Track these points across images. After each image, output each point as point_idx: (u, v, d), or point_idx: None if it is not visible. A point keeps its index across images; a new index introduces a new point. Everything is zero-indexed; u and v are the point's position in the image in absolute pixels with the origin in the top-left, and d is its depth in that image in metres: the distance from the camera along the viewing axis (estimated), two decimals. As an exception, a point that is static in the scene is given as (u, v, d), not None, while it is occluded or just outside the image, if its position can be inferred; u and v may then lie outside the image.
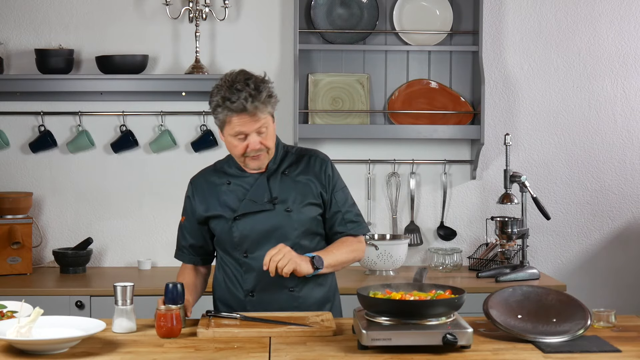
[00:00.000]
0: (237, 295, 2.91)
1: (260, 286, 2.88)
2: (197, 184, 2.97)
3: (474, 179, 4.42)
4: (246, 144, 2.78)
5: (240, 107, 2.71)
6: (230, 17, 4.28)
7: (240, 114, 2.73)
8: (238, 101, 2.71)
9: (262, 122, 2.76)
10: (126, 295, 2.61)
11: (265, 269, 2.69)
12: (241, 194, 2.87)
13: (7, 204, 4.10)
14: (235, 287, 2.91)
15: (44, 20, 4.29)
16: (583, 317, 2.58)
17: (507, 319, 2.57)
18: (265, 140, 2.79)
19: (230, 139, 2.79)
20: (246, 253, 2.87)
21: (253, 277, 2.88)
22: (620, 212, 4.48)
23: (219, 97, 2.75)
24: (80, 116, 4.31)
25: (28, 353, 2.37)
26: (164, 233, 4.37)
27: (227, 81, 2.77)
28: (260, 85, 2.75)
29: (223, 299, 2.96)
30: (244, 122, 2.74)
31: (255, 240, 2.86)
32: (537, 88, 4.43)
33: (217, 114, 2.77)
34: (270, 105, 2.78)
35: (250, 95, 2.71)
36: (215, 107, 2.76)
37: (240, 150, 2.80)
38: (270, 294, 2.88)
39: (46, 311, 2.50)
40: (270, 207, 2.85)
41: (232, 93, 2.72)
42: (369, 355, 2.37)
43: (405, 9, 4.32)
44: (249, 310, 2.87)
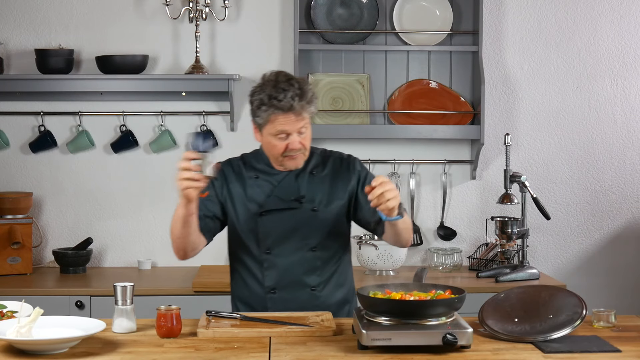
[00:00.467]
0: (258, 293, 2.90)
1: (282, 284, 2.88)
2: (225, 169, 2.93)
3: (474, 179, 4.42)
4: (286, 144, 2.77)
5: (287, 105, 2.71)
6: (230, 17, 4.28)
7: (287, 112, 2.73)
8: (285, 100, 2.71)
9: (305, 122, 2.77)
10: (126, 295, 2.61)
11: (367, 190, 2.57)
12: (268, 189, 2.87)
13: (7, 204, 4.10)
14: (255, 284, 2.90)
15: (44, 20, 4.29)
16: (577, 306, 2.58)
17: (504, 325, 2.57)
18: (305, 141, 2.80)
19: (270, 139, 2.79)
20: (269, 249, 2.87)
21: (275, 274, 2.87)
22: (620, 212, 4.48)
23: (263, 95, 2.74)
24: (80, 116, 4.31)
25: (28, 353, 2.37)
26: (164, 233, 4.37)
27: (270, 80, 2.77)
28: (303, 85, 2.76)
29: (242, 297, 2.95)
30: (289, 121, 2.74)
31: (279, 237, 2.86)
32: (537, 88, 4.43)
33: (261, 112, 2.76)
34: (314, 105, 2.78)
35: (296, 95, 2.72)
36: (260, 105, 2.75)
37: (280, 150, 2.79)
38: (291, 292, 2.88)
39: (46, 311, 2.50)
40: (297, 205, 2.85)
41: (278, 92, 2.72)
42: (369, 355, 2.37)
43: (405, 9, 4.32)
44: (270, 308, 2.88)
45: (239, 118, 4.34)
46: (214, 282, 3.86)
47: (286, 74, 2.80)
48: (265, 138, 2.81)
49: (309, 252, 2.86)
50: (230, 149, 4.33)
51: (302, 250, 2.86)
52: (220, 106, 4.33)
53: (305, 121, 2.77)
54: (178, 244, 2.86)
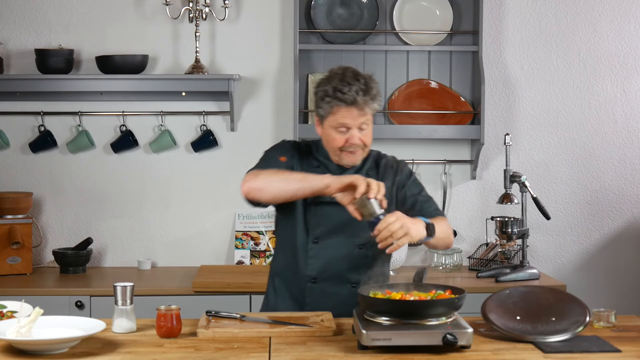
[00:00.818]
0: (298, 281, 2.90)
1: (324, 275, 2.87)
2: (297, 148, 2.93)
3: (474, 179, 4.42)
4: (346, 138, 2.78)
5: (351, 98, 2.73)
6: (230, 17, 4.28)
7: (350, 106, 2.74)
8: (349, 93, 2.72)
9: (366, 118, 2.78)
10: (126, 295, 2.61)
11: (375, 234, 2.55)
12: None
13: (7, 204, 4.10)
14: (298, 272, 2.90)
15: (44, 20, 4.29)
16: (582, 314, 2.58)
17: (506, 322, 2.57)
18: (365, 137, 2.81)
19: (331, 131, 2.80)
20: (317, 239, 2.86)
21: (319, 264, 2.87)
22: (620, 212, 4.48)
23: (329, 87, 2.76)
24: (80, 116, 4.31)
25: (28, 353, 2.37)
26: (164, 233, 4.37)
27: (336, 74, 2.79)
28: (369, 81, 2.78)
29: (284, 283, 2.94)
30: (351, 115, 2.75)
31: (328, 229, 2.85)
32: (537, 88, 4.43)
33: (324, 103, 2.77)
34: (377, 102, 2.80)
35: (361, 90, 2.74)
36: (324, 96, 2.77)
37: (339, 144, 2.80)
38: (332, 285, 2.86)
39: (46, 311, 2.50)
40: None
41: (343, 85, 2.74)
42: (369, 355, 2.36)
43: (405, 9, 4.33)
44: (308, 297, 2.88)
45: (239, 118, 4.34)
46: (214, 282, 3.86)
47: (354, 70, 2.81)
48: (326, 130, 2.82)
49: (355, 249, 2.86)
50: (230, 149, 4.34)
51: (348, 247, 2.86)
52: (220, 106, 4.33)
53: (367, 117, 2.78)
54: (269, 187, 2.73)
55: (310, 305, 2.89)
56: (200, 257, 4.36)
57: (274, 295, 2.98)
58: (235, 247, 4.30)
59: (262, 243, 4.29)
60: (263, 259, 4.27)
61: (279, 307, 2.95)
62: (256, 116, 4.36)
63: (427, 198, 2.93)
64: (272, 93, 4.36)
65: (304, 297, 2.89)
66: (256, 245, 4.29)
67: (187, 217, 4.37)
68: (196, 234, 4.37)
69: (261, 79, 4.36)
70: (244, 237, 4.30)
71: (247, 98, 4.34)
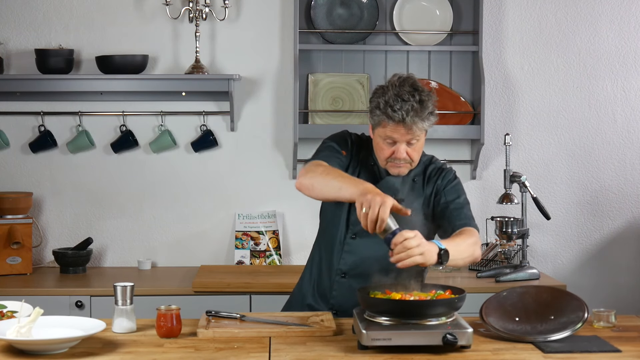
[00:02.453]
0: (327, 276, 2.90)
1: (355, 272, 2.87)
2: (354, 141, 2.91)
3: (474, 179, 4.42)
4: (393, 150, 2.76)
5: (399, 118, 2.69)
6: (230, 17, 4.28)
7: (398, 123, 2.70)
8: (400, 111, 2.68)
9: (415, 135, 2.74)
10: (126, 295, 2.61)
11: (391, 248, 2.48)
12: (373, 179, 2.84)
13: (7, 204, 4.10)
14: (330, 265, 2.89)
15: (44, 20, 4.29)
16: (580, 309, 2.58)
17: (505, 324, 2.57)
18: (413, 153, 2.78)
19: (379, 140, 2.78)
20: (355, 235, 2.86)
21: (352, 260, 2.87)
22: (620, 212, 4.48)
23: (382, 100, 2.72)
24: (80, 116, 4.31)
25: (28, 353, 2.37)
26: (164, 233, 4.37)
27: (394, 86, 2.73)
28: (425, 100, 2.72)
29: (314, 275, 2.95)
30: (398, 132, 2.72)
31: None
32: (537, 88, 4.43)
33: (374, 115, 2.75)
34: (429, 122, 2.74)
35: (412, 109, 2.68)
36: (375, 108, 2.74)
37: (386, 154, 2.78)
38: (360, 283, 2.82)
39: (46, 311, 2.50)
40: None
41: (396, 101, 2.69)
42: (369, 355, 2.37)
43: (405, 9, 4.32)
44: (335, 290, 2.88)
45: (239, 118, 4.34)
46: (214, 282, 3.86)
47: (413, 83, 2.74)
48: (375, 139, 2.81)
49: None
50: (230, 149, 4.34)
51: (385, 248, 2.81)
52: (220, 106, 4.33)
53: (416, 134, 2.73)
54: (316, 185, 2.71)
55: (335, 299, 2.89)
56: (200, 257, 4.36)
57: (307, 282, 2.97)
58: (235, 247, 4.30)
59: (262, 243, 4.29)
60: (263, 259, 4.27)
61: (306, 296, 2.95)
62: (256, 116, 4.36)
63: (460, 206, 2.87)
64: (272, 93, 4.35)
65: (332, 290, 2.90)
66: (256, 245, 4.29)
67: (187, 217, 4.37)
68: (196, 234, 4.37)
69: (261, 79, 4.36)
70: (244, 237, 4.30)
71: (247, 98, 4.34)
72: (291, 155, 4.32)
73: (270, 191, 4.33)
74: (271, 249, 4.28)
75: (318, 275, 2.96)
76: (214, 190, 4.37)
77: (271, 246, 4.28)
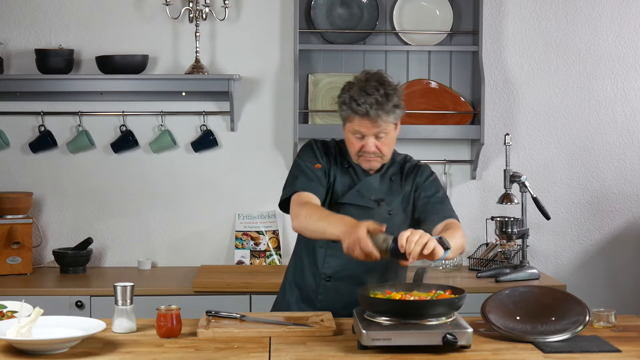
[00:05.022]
0: (312, 280, 2.92)
1: (339, 275, 2.89)
2: (328, 147, 2.94)
3: (474, 179, 4.42)
4: (362, 144, 2.80)
5: (363, 111, 2.73)
6: (230, 17, 4.28)
7: (362, 117, 2.74)
8: (363, 105, 2.72)
9: (382, 128, 2.77)
10: (126, 295, 2.61)
11: (402, 251, 2.45)
12: (351, 182, 2.88)
13: (7, 204, 4.10)
14: (313, 271, 2.91)
15: (44, 20, 4.29)
16: (581, 313, 2.58)
17: (505, 322, 2.57)
18: (382, 146, 2.80)
19: (349, 135, 2.82)
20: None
21: (336, 263, 2.88)
22: (620, 212, 4.48)
23: (347, 96, 2.77)
24: (80, 116, 4.31)
25: (28, 353, 2.37)
26: (164, 233, 4.37)
27: (360, 81, 2.79)
28: (390, 93, 2.75)
29: (297, 281, 2.96)
30: (364, 125, 2.76)
31: None
32: (537, 88, 4.43)
33: (341, 110, 2.81)
34: (394, 116, 2.77)
35: (376, 102, 2.72)
36: (341, 103, 2.80)
37: (356, 149, 2.82)
38: (345, 285, 2.86)
39: (46, 311, 2.50)
40: (374, 205, 2.86)
41: (360, 95, 2.74)
42: (369, 355, 2.37)
43: (405, 9, 4.32)
44: (321, 295, 2.90)
45: (239, 118, 4.34)
46: (214, 282, 3.86)
47: (380, 78, 2.78)
48: (346, 134, 2.85)
49: None
50: (230, 149, 4.34)
51: None
52: (220, 106, 4.33)
53: (383, 127, 2.76)
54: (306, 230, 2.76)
55: (322, 302, 2.90)
56: (200, 257, 4.36)
57: (289, 290, 2.99)
58: (235, 247, 4.30)
59: (262, 243, 4.29)
60: (263, 259, 4.27)
61: (290, 304, 2.96)
62: (256, 116, 4.36)
63: (440, 200, 2.90)
64: (272, 93, 4.35)
65: (318, 295, 2.91)
66: (256, 245, 4.29)
67: (187, 217, 4.37)
68: (196, 234, 4.37)
69: (261, 79, 4.36)
70: (244, 237, 4.30)
71: (247, 98, 4.34)
72: (291, 155, 4.32)
73: (270, 191, 4.32)
74: (271, 249, 4.28)
75: (302, 281, 2.96)
76: (214, 190, 4.37)
77: (271, 246, 4.28)
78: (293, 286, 2.99)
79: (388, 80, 2.79)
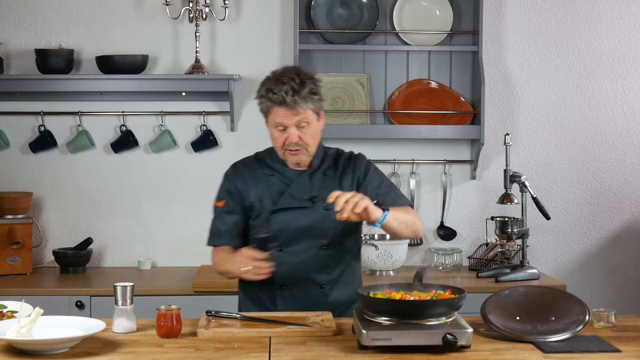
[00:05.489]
0: (268, 289, 2.92)
1: (293, 281, 2.89)
2: (240, 169, 2.98)
3: (474, 179, 4.42)
4: (285, 137, 2.81)
5: (279, 99, 2.76)
6: (230, 17, 4.28)
7: (280, 106, 2.77)
8: (279, 93, 2.76)
9: (302, 117, 2.79)
10: (126, 295, 2.61)
11: (337, 209, 2.60)
12: (282, 187, 2.89)
13: (7, 204, 4.10)
14: (267, 282, 2.89)
15: (44, 20, 4.29)
16: (581, 313, 2.58)
17: (505, 322, 2.57)
18: (305, 137, 2.82)
19: (272, 130, 2.85)
20: (281, 247, 2.88)
21: (286, 271, 2.88)
22: (620, 212, 4.48)
23: (264, 88, 2.82)
24: (80, 116, 4.31)
25: (28, 353, 2.37)
26: (164, 233, 4.37)
27: (276, 74, 2.84)
28: (306, 81, 2.79)
29: (253, 295, 2.96)
30: (283, 115, 2.78)
31: (291, 235, 2.87)
32: (537, 88, 4.43)
33: (260, 104, 2.84)
34: (312, 102, 2.80)
35: (292, 89, 2.76)
36: (260, 97, 2.84)
37: (280, 142, 2.83)
38: (301, 289, 2.89)
39: (46, 311, 2.50)
40: (309, 204, 2.87)
41: (275, 85, 2.78)
42: (369, 355, 2.37)
43: (405, 9, 4.32)
44: (279, 304, 2.90)
45: (239, 118, 4.34)
46: (214, 282, 3.86)
47: (296, 69, 2.84)
48: (269, 129, 2.87)
49: (320, 250, 2.88)
50: (230, 149, 4.34)
51: (313, 249, 2.88)
52: (220, 106, 4.33)
53: (303, 116, 2.79)
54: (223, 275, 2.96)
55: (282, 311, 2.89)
56: (200, 257, 4.34)
57: (245, 304, 2.99)
58: (235, 247, 4.29)
59: (262, 243, 4.28)
60: (263, 259, 4.26)
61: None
62: (256, 116, 4.30)
63: (388, 189, 2.93)
64: (272, 93, 4.35)
65: (276, 305, 2.91)
66: (256, 245, 4.28)
67: (187, 217, 4.37)
68: (196, 234, 4.36)
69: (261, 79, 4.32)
70: (244, 237, 4.29)
71: (247, 98, 4.34)
72: (291, 155, 4.31)
73: (270, 191, 4.32)
74: (271, 249, 4.27)
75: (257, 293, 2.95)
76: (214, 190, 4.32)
77: (271, 246, 4.28)
78: (248, 303, 2.98)
79: (304, 72, 2.83)
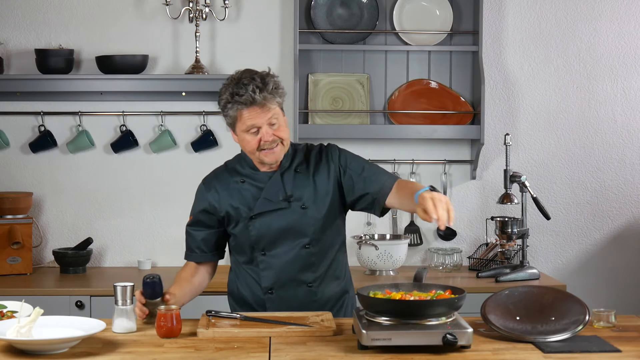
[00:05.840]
0: (256, 293, 2.92)
1: (279, 283, 2.89)
2: (211, 183, 2.95)
3: (474, 179, 4.42)
4: (259, 137, 2.78)
5: (249, 99, 2.73)
6: (230, 17, 4.28)
7: (250, 106, 2.74)
8: (246, 94, 2.73)
9: (273, 113, 2.77)
10: (126, 295, 2.62)
11: (443, 224, 2.46)
12: (256, 192, 2.87)
13: (7, 204, 4.10)
14: (254, 285, 2.92)
15: (44, 20, 4.29)
16: (581, 313, 2.58)
17: (505, 322, 2.57)
18: (278, 132, 2.80)
19: (243, 135, 2.80)
20: (264, 251, 2.88)
21: (272, 274, 2.89)
22: (620, 212, 4.48)
23: (227, 94, 2.77)
24: (80, 116, 4.31)
25: (28, 353, 2.37)
26: (164, 233, 4.37)
27: (233, 79, 2.81)
28: (266, 77, 2.78)
29: (242, 299, 2.96)
30: (255, 115, 2.75)
31: (272, 239, 2.87)
32: (537, 88, 4.43)
33: (227, 110, 2.78)
34: (278, 95, 2.79)
35: (257, 87, 2.73)
36: (225, 104, 2.78)
37: (254, 145, 2.79)
38: (289, 291, 2.89)
39: (46, 311, 2.50)
40: (285, 205, 2.86)
41: (239, 87, 2.75)
42: (369, 355, 2.36)
43: (405, 9, 4.33)
44: (269, 307, 2.90)
45: (239, 118, 4.33)
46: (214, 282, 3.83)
47: (250, 71, 2.82)
48: (240, 136, 2.82)
49: (302, 249, 2.87)
50: (230, 149, 4.33)
51: (295, 249, 2.87)
52: (220, 106, 4.33)
53: (273, 112, 2.78)
54: None
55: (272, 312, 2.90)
56: (200, 257, 4.35)
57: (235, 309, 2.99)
58: (235, 247, 4.29)
59: (262, 243, 4.28)
60: (263, 259, 4.26)
61: None
62: (256, 116, 4.36)
63: (373, 171, 2.89)
64: (272, 93, 4.35)
65: (265, 308, 2.91)
66: (256, 245, 4.28)
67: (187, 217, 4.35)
68: (196, 234, 4.36)
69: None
70: (244, 237, 4.29)
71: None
72: (291, 155, 4.31)
73: (270, 191, 4.32)
74: (271, 249, 4.28)
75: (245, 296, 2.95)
76: (214, 190, 4.36)
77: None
78: (238, 309, 2.97)
79: (258, 71, 2.82)
